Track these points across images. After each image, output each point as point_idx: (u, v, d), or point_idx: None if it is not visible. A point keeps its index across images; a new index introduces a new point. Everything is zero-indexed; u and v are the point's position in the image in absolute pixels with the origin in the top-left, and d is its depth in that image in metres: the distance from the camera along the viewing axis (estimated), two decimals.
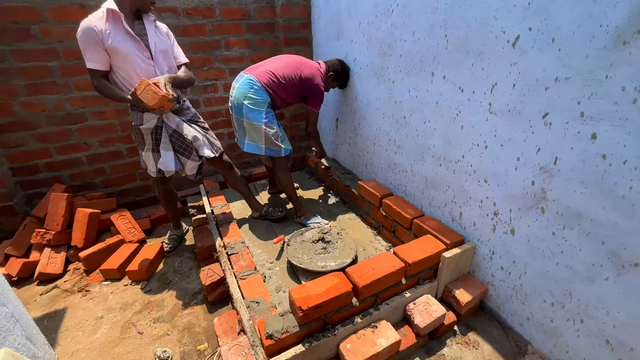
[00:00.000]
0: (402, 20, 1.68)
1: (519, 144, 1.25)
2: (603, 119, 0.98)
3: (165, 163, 1.76)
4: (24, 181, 2.25)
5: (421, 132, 1.75)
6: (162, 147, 1.75)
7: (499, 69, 1.26)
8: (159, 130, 1.73)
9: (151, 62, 1.62)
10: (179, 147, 1.78)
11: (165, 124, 1.72)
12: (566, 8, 1.01)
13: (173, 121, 1.73)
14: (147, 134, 1.73)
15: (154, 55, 1.62)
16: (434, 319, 1.39)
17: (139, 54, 1.57)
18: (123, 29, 1.51)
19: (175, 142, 1.77)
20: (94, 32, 1.45)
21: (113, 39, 1.48)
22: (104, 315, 1.69)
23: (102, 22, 1.47)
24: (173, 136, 1.75)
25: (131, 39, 1.54)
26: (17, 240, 2.04)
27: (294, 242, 1.94)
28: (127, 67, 1.56)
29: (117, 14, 1.49)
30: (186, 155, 1.80)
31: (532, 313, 1.37)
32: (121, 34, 1.51)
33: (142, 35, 1.59)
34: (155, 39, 1.63)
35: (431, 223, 1.71)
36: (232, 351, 1.28)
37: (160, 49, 1.65)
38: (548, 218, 1.21)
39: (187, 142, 1.78)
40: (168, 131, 1.74)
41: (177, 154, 1.80)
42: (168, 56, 1.71)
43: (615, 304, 1.07)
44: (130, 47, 1.53)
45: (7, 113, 2.07)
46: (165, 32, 1.73)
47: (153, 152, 1.78)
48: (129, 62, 1.55)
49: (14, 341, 0.95)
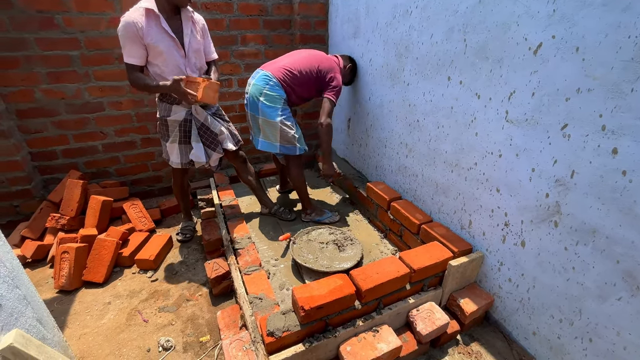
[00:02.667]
0: (420, 22, 1.66)
1: (534, 155, 1.22)
2: (625, 134, 0.95)
3: (198, 155, 1.81)
4: (42, 166, 2.32)
5: (434, 137, 1.72)
6: (194, 139, 1.80)
7: (518, 76, 1.22)
8: (188, 123, 1.78)
9: (183, 61, 1.66)
10: (206, 140, 1.84)
11: (194, 118, 1.77)
12: (593, 17, 0.97)
13: (202, 115, 1.78)
14: (175, 125, 1.78)
15: (187, 53, 1.66)
16: (436, 327, 1.37)
17: (175, 52, 1.62)
18: (161, 27, 1.55)
19: (203, 136, 1.83)
20: (135, 28, 1.49)
21: (152, 36, 1.53)
22: (112, 302, 1.74)
23: (143, 18, 1.50)
24: (201, 129, 1.81)
25: (168, 37, 1.58)
26: (33, 223, 2.11)
27: (300, 241, 1.95)
28: (161, 63, 1.61)
29: (155, 13, 1.53)
30: (212, 147, 1.87)
31: (538, 328, 1.34)
32: (159, 32, 1.55)
33: (179, 33, 1.63)
34: (190, 38, 1.66)
35: (439, 230, 1.69)
36: (233, 345, 1.30)
37: (194, 48, 1.69)
38: (561, 232, 1.18)
39: (214, 135, 1.84)
40: (197, 124, 1.79)
41: (205, 146, 1.85)
42: (199, 55, 1.74)
43: (627, 325, 1.03)
44: (167, 45, 1.58)
45: (29, 99, 2.13)
46: (201, 26, 1.74)
47: (179, 144, 1.83)
48: (165, 58, 1.60)
49: (25, 323, 0.98)
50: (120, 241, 1.99)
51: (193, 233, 2.26)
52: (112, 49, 2.19)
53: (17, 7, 1.92)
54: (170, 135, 1.80)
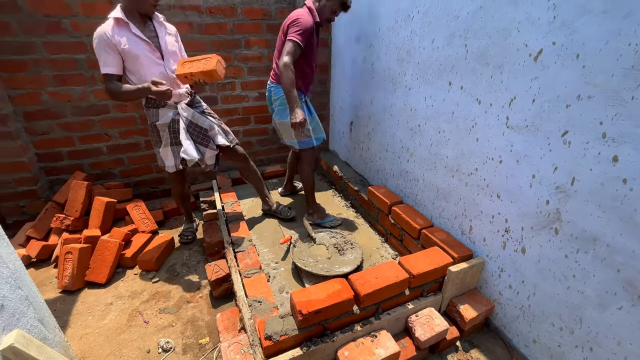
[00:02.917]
0: (422, 28, 1.66)
1: (535, 161, 1.21)
2: (626, 142, 0.94)
3: (188, 151, 1.77)
4: (48, 167, 2.36)
5: (435, 142, 1.72)
6: (183, 137, 1.79)
7: (518, 82, 1.22)
8: (175, 123, 1.78)
9: (162, 62, 1.69)
10: (197, 137, 1.84)
11: (181, 116, 1.78)
12: (593, 24, 0.97)
13: (188, 112, 1.79)
14: (164, 129, 1.78)
15: (164, 55, 1.69)
16: (435, 333, 1.36)
17: (150, 55, 1.64)
18: (132, 33, 1.58)
19: (193, 133, 1.83)
20: (107, 38, 1.52)
21: (125, 43, 1.56)
22: (114, 302, 1.75)
23: (113, 28, 1.54)
24: (190, 126, 1.81)
25: (141, 41, 1.61)
26: (38, 224, 2.14)
27: (301, 244, 1.95)
28: (139, 69, 1.63)
29: (123, 21, 1.56)
30: (204, 144, 1.86)
31: (539, 336, 1.33)
32: (131, 38, 1.58)
33: (153, 37, 1.66)
34: (166, 40, 1.70)
35: (440, 235, 1.68)
36: (232, 348, 1.30)
37: (170, 50, 1.72)
38: (561, 239, 1.17)
39: (204, 131, 1.85)
40: (184, 123, 1.79)
41: (196, 144, 1.84)
42: (176, 57, 1.77)
43: (628, 335, 1.02)
44: (141, 49, 1.61)
45: (36, 102, 2.17)
46: (174, 33, 1.79)
47: (171, 146, 1.82)
48: (141, 63, 1.62)
49: (27, 323, 1.00)
50: (122, 242, 2.01)
51: (194, 235, 2.28)
52: None
53: (26, 12, 1.96)
54: (162, 139, 1.81)
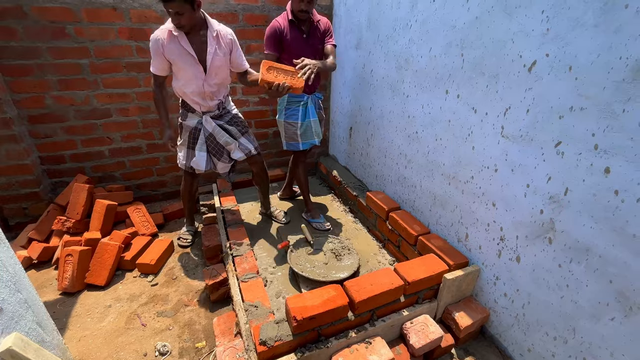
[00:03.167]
0: (419, 36, 1.68)
1: (529, 171, 1.22)
2: (617, 154, 0.95)
3: (198, 163, 1.94)
4: (51, 170, 2.39)
5: (432, 149, 1.73)
6: (198, 147, 1.93)
7: (513, 92, 1.23)
8: (197, 131, 1.91)
9: (203, 77, 1.77)
10: (212, 149, 1.96)
11: (204, 127, 1.90)
12: (585, 37, 0.98)
13: (210, 126, 1.89)
14: (187, 130, 1.92)
15: (207, 70, 1.76)
16: (430, 340, 1.37)
17: (193, 69, 1.74)
18: (181, 45, 1.68)
19: (210, 145, 1.95)
20: (157, 44, 1.66)
21: (171, 53, 1.68)
22: (112, 305, 1.77)
23: (166, 36, 1.66)
24: (209, 139, 1.93)
25: (187, 54, 1.70)
26: (40, 226, 2.17)
27: (299, 249, 1.97)
28: (183, 76, 1.77)
29: (173, 34, 1.65)
30: (217, 156, 1.98)
31: (533, 345, 1.33)
32: (179, 50, 1.68)
33: (202, 52, 1.72)
34: (212, 56, 1.75)
35: (436, 242, 1.69)
36: (227, 353, 1.31)
37: (216, 65, 1.78)
38: (555, 249, 1.17)
39: (220, 146, 1.95)
40: (205, 134, 1.91)
41: (210, 154, 1.97)
42: (221, 71, 1.83)
43: (620, 346, 1.02)
44: (185, 61, 1.71)
45: (40, 105, 2.21)
46: (227, 41, 1.80)
47: (187, 148, 1.95)
48: (184, 73, 1.75)
49: (25, 326, 1.02)
50: (122, 245, 2.03)
51: (194, 238, 2.30)
52: (120, 57, 2.26)
53: (32, 18, 2.00)
54: (182, 137, 1.95)
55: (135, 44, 2.26)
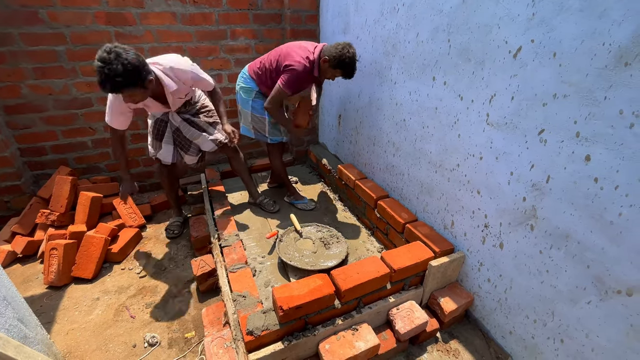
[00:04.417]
0: (407, 21, 1.64)
1: (513, 159, 1.22)
2: (598, 142, 0.95)
3: (164, 155, 1.97)
4: (32, 162, 2.33)
5: (419, 137, 1.72)
6: (165, 140, 1.93)
7: (498, 79, 1.22)
8: (163, 123, 1.90)
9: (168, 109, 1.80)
10: (179, 143, 1.97)
11: (170, 122, 1.89)
12: (570, 22, 0.96)
13: (177, 120, 1.90)
14: (152, 119, 1.93)
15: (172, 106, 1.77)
16: (415, 325, 1.40)
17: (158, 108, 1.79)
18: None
19: (177, 139, 1.95)
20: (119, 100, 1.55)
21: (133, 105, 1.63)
22: (100, 297, 1.76)
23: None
24: (175, 132, 1.94)
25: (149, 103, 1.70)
26: (23, 219, 2.12)
27: (287, 238, 1.97)
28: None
29: None
30: (184, 150, 2.00)
31: (514, 327, 1.37)
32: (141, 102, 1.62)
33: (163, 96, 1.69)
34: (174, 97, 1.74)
35: (423, 229, 1.70)
36: (215, 343, 1.32)
37: (180, 99, 1.81)
38: (536, 236, 1.19)
39: (187, 140, 1.97)
40: (172, 128, 1.91)
41: (177, 147, 1.99)
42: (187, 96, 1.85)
43: (595, 328, 1.06)
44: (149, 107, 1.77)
45: (16, 95, 2.12)
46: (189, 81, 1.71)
47: (154, 139, 1.94)
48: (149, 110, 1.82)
49: (5, 323, 1.01)
50: (109, 237, 2.01)
51: (182, 229, 2.28)
52: (98, 43, 2.15)
53: (0, 2, 1.89)
54: (148, 127, 1.97)
55: (113, 29, 2.17)
